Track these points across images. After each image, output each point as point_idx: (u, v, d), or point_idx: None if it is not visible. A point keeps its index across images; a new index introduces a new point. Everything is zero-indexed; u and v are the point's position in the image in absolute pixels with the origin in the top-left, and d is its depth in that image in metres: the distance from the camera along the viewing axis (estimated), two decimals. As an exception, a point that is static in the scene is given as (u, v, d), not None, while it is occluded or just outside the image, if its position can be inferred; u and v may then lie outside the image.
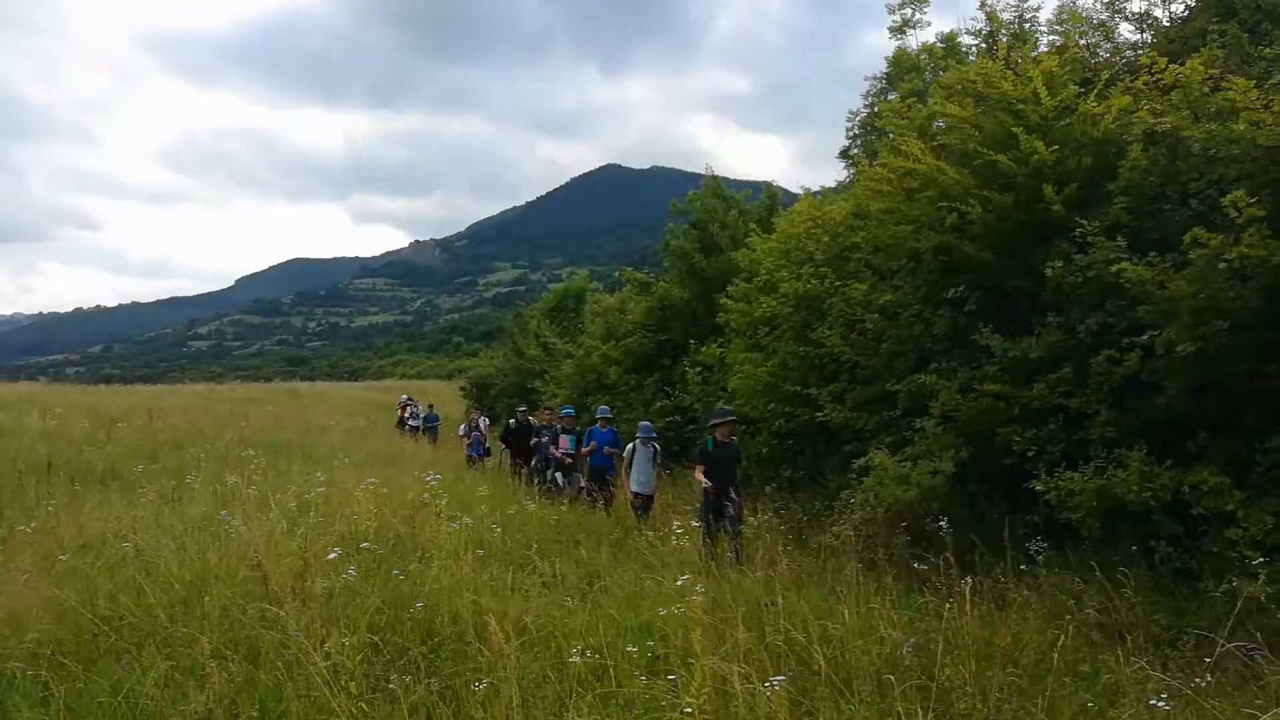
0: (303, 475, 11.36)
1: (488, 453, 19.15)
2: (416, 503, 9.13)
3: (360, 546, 6.44)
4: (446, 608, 5.63)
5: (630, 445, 11.51)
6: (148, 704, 4.21)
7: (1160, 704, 4.09)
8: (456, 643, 5.16)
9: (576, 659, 4.57)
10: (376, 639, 4.89)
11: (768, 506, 11.04)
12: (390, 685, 4.41)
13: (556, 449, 14.14)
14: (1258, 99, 7.19)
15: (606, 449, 12.83)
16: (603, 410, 13.50)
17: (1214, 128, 7.34)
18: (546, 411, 15.56)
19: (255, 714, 4.07)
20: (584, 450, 13.18)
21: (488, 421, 21.89)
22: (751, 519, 9.62)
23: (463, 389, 42.02)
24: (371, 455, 16.52)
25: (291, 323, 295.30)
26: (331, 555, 5.62)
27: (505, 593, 6.24)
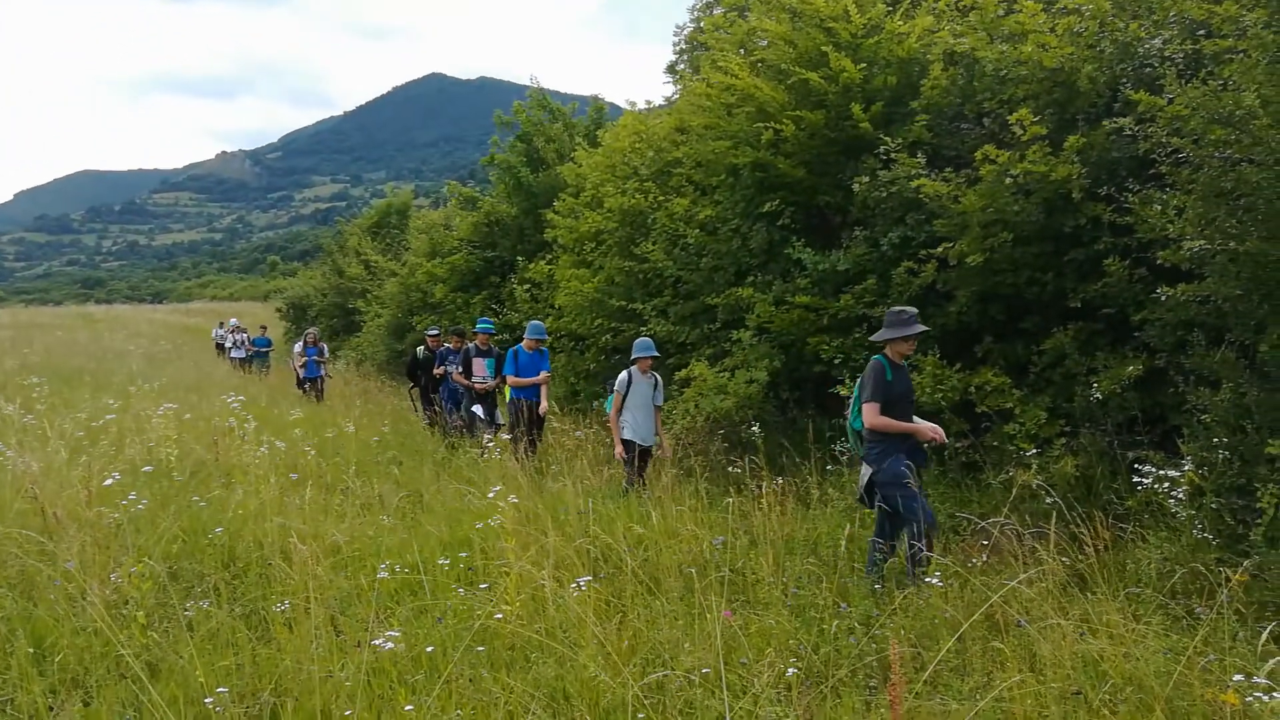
0: (93, 403, 10.51)
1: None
2: (222, 428, 8.64)
3: (143, 471, 6.02)
4: (252, 533, 5.39)
5: (623, 375, 8.17)
6: (-97, 650, 3.82)
7: (935, 581, 4.48)
8: (262, 567, 4.95)
9: (384, 575, 4.49)
10: (171, 567, 4.61)
11: (594, 421, 11.19)
12: (187, 612, 4.19)
13: (466, 376, 11.03)
14: (1045, 22, 7.65)
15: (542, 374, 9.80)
16: (535, 327, 9.96)
17: (1005, 49, 7.76)
18: (455, 338, 12.34)
19: (30, 651, 3.76)
20: (512, 380, 9.73)
21: (315, 333, 20.49)
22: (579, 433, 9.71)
23: (279, 310, 39.94)
24: (175, 381, 15.47)
25: (83, 241, 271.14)
26: (108, 482, 5.21)
27: (319, 516, 6.03)
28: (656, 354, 8.14)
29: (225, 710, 3.24)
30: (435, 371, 12.17)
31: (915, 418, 5.86)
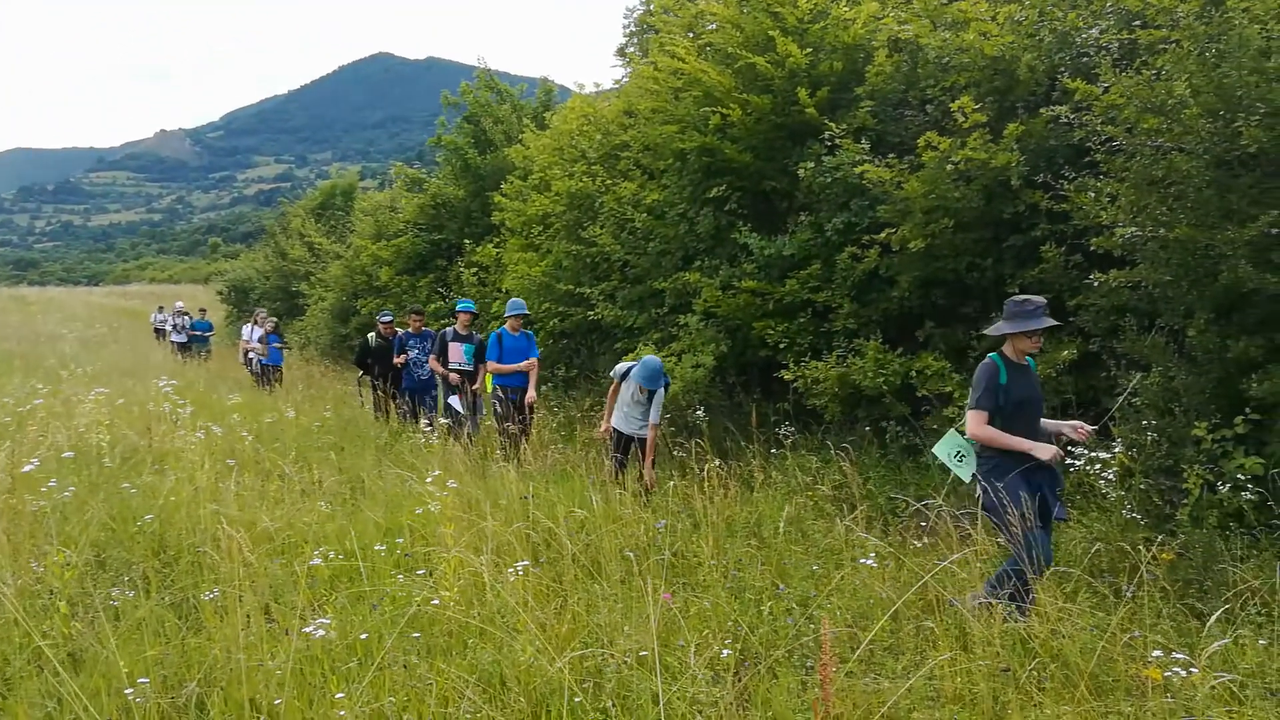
0: (22, 387, 10.18)
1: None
2: (157, 413, 8.42)
3: (64, 456, 5.83)
4: (184, 520, 5.26)
5: (624, 367, 7.49)
6: None
7: (870, 563, 4.54)
8: (194, 555, 4.84)
9: (318, 561, 4.41)
10: (98, 555, 4.48)
11: (541, 405, 11.12)
12: (113, 602, 4.07)
13: (442, 362, 9.62)
14: (986, 11, 7.74)
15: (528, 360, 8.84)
16: (515, 305, 9.12)
17: (948, 36, 7.84)
18: (415, 317, 11.03)
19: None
20: (493, 367, 8.84)
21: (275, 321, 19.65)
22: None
23: (220, 293, 39.03)
24: (110, 366, 15.05)
25: (15, 221, 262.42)
26: (28, 468, 5.04)
27: (255, 502, 5.90)
28: (660, 385, 7.14)
29: (148, 701, 3.15)
30: (396, 360, 10.85)
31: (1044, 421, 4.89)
